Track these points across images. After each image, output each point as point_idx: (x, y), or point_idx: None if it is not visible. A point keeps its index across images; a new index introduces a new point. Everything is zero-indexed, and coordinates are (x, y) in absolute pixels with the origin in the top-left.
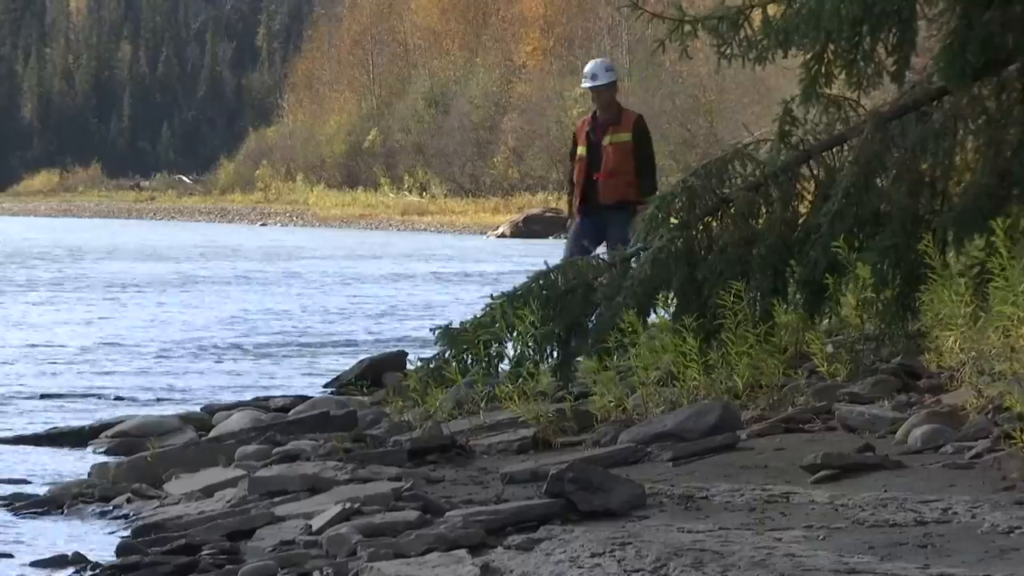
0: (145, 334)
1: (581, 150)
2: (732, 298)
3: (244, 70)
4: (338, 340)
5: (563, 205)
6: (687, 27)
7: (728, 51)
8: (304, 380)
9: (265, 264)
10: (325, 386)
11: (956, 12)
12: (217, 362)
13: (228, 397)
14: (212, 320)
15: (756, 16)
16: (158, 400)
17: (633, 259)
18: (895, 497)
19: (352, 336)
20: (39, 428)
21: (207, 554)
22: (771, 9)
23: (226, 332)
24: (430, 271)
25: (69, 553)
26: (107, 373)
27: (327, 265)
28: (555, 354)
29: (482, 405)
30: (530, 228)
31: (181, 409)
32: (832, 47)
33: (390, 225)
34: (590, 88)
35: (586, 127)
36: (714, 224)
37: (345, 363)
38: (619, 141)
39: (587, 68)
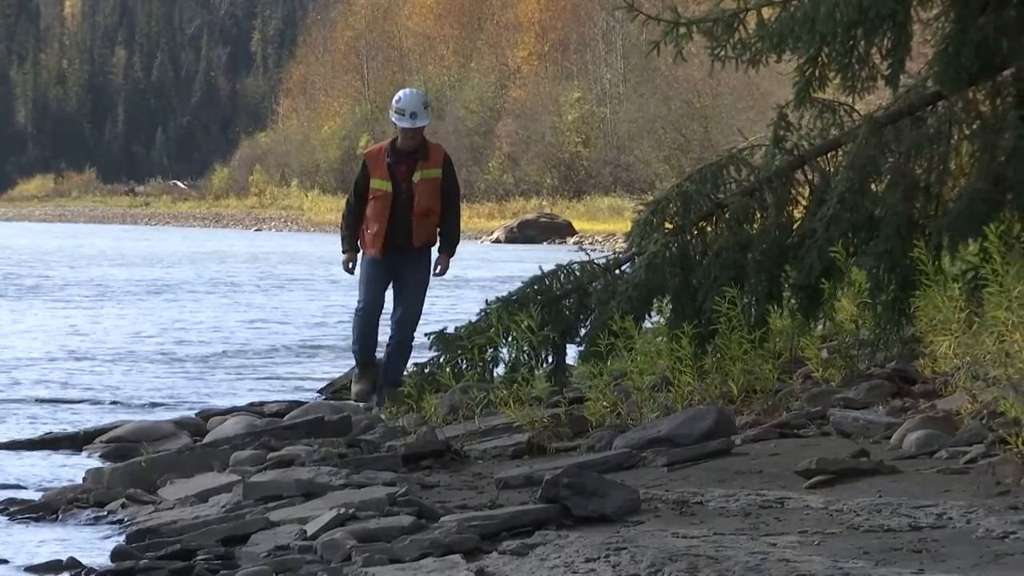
0: (139, 339)
1: (384, 185)
2: (727, 303)
3: (239, 75)
4: (332, 345)
5: (556, 210)
6: (682, 29)
7: (722, 53)
8: (298, 385)
9: (259, 269)
10: (319, 391)
11: (951, 17)
12: (211, 367)
13: (222, 402)
14: (207, 326)
15: (751, 19)
16: (153, 405)
17: (627, 264)
18: (890, 502)
19: (346, 341)
20: (34, 433)
21: (202, 559)
22: (766, 12)
23: (221, 337)
24: None
25: (64, 558)
26: (102, 378)
27: (322, 270)
28: (550, 359)
29: (477, 410)
30: (525, 233)
31: (176, 414)
32: (826, 50)
33: None
34: (407, 128)
35: (384, 158)
36: (709, 229)
37: (339, 368)
38: (430, 177)
39: (403, 103)
